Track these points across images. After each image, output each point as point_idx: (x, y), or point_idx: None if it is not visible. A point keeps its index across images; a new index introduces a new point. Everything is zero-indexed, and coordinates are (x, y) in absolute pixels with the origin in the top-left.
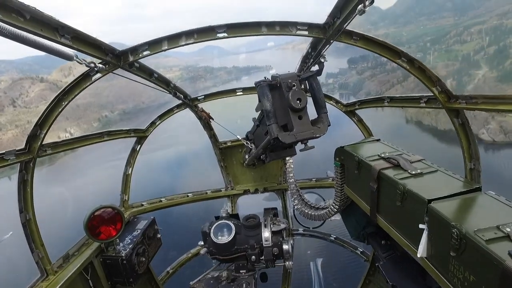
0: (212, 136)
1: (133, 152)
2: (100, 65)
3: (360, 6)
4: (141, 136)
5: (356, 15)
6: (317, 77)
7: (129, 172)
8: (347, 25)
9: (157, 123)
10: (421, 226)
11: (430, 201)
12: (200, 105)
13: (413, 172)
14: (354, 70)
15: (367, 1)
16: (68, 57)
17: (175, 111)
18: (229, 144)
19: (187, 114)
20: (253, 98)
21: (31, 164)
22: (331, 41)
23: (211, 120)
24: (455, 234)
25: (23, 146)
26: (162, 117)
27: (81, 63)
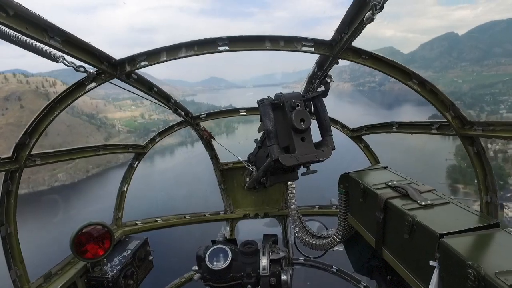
0: (214, 157)
1: (130, 169)
2: (91, 71)
3: (368, 13)
4: (139, 152)
5: (364, 26)
6: (323, 98)
7: (125, 189)
8: (353, 39)
9: (156, 140)
10: (431, 263)
11: (442, 235)
12: (202, 124)
13: (423, 203)
14: None
15: (376, 7)
16: (54, 58)
17: (175, 129)
18: (230, 165)
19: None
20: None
21: (17, 174)
22: (338, 59)
23: (212, 139)
24: (472, 275)
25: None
26: (162, 134)
27: (68, 66)
